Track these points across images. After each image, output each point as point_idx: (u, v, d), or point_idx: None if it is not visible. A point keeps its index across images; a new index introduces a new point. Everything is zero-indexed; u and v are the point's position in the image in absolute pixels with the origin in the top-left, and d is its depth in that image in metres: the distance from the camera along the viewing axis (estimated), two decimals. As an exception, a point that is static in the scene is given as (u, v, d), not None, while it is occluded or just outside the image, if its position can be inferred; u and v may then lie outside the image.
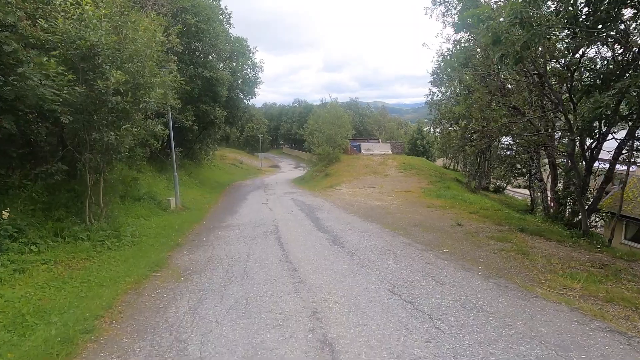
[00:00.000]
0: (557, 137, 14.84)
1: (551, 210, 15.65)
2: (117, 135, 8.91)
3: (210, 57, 22.16)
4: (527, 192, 23.88)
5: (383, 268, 7.01)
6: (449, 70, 22.56)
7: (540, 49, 9.77)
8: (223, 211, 15.36)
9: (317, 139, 33.44)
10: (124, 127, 9.03)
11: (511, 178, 24.39)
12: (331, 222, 11.82)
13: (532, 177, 19.53)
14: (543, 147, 14.27)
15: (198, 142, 31.59)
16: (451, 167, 44.51)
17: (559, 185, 15.49)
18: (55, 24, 7.49)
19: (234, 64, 25.28)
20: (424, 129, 51.18)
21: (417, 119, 63.62)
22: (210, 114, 21.50)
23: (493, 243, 8.98)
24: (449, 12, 16.19)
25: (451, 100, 23.83)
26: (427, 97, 25.58)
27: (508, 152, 21.28)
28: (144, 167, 18.22)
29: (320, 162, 32.71)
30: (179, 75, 12.17)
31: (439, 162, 46.82)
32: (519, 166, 22.50)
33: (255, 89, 27.61)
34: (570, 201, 14.14)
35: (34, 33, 7.36)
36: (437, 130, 26.96)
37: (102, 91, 7.83)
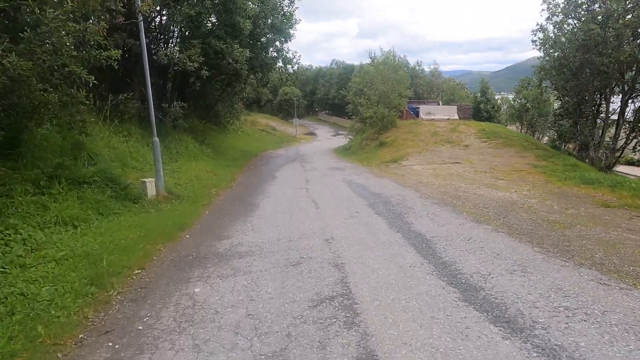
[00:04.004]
0: None
1: None
2: None
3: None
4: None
5: None
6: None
7: None
8: (233, 205, 9.07)
9: (367, 99, 26.40)
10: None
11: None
12: (457, 253, 5.18)
13: None
14: None
15: (220, 102, 25.41)
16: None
17: None
18: None
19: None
20: (490, 90, 42.75)
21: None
22: (226, 54, 15.00)
23: None
24: None
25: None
26: (536, 35, 17.88)
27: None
28: (122, 127, 12.21)
29: (371, 127, 25.79)
30: None
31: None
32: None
33: (291, 30, 20.52)
34: None
35: None
36: (544, 84, 19.43)
37: None
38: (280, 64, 20.65)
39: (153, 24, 15.49)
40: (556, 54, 17.36)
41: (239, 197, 9.94)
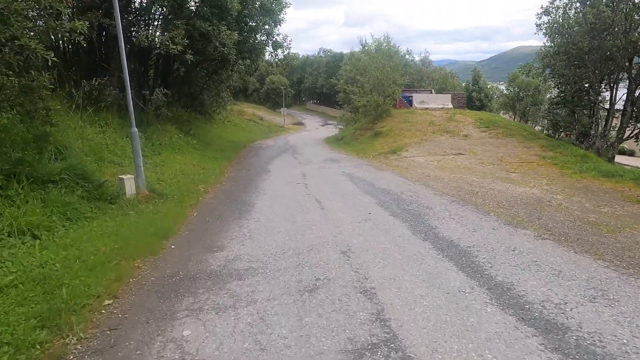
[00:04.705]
0: None
1: None
2: None
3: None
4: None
5: None
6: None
7: None
8: (225, 204, 7.99)
9: (359, 87, 25.32)
10: None
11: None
12: (509, 270, 4.22)
13: None
14: None
15: (206, 90, 24.04)
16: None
17: None
18: None
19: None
20: (482, 79, 42.02)
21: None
22: (212, 37, 13.74)
23: None
24: None
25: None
26: (541, 18, 16.96)
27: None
28: (102, 117, 11.00)
29: (365, 117, 24.75)
30: None
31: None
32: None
33: (281, 14, 19.20)
34: None
35: None
36: (546, 72, 18.57)
37: None
38: (270, 48, 19.32)
39: (133, 4, 14.11)
40: (560, 40, 16.52)
41: (230, 194, 8.85)
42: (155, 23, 14.53)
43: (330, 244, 5.05)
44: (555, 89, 20.73)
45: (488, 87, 41.88)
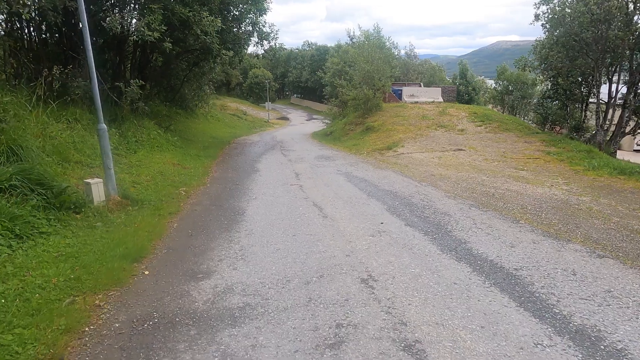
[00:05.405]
0: None
1: None
2: None
3: None
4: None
5: None
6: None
7: None
8: (210, 212, 6.90)
9: (348, 80, 24.36)
10: None
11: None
12: (584, 307, 3.32)
13: None
14: None
15: (187, 83, 22.75)
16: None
17: None
18: None
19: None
20: (469, 73, 41.51)
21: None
22: (193, 23, 12.52)
23: None
24: None
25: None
26: (539, 8, 16.19)
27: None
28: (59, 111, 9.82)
29: (355, 111, 23.79)
30: None
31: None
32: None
33: (265, 3, 17.91)
34: None
35: None
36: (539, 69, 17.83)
37: None
38: (255, 38, 18.08)
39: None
40: (557, 31, 15.83)
41: (216, 199, 7.77)
42: (130, 7, 13.16)
43: (345, 267, 4.08)
44: (548, 82, 20.12)
45: (475, 80, 41.36)
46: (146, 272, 4.23)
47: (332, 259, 4.31)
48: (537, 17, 16.42)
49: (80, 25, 6.86)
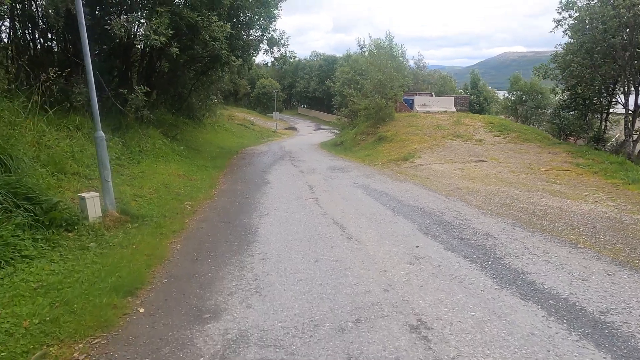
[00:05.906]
0: None
1: None
2: None
3: None
4: None
5: None
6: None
7: None
8: (218, 231, 6.16)
9: (359, 89, 23.75)
10: None
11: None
12: None
13: None
14: None
15: (194, 92, 22.29)
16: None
17: None
18: None
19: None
20: (480, 83, 40.82)
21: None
22: (201, 28, 11.95)
23: None
24: None
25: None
26: (561, 13, 15.47)
27: None
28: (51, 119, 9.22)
29: (366, 120, 23.10)
30: None
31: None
32: None
33: (276, 10, 17.32)
34: None
35: None
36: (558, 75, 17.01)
37: None
38: (265, 45, 17.50)
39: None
40: (581, 36, 15.06)
41: (224, 215, 7.04)
42: (137, 11, 12.65)
43: (386, 307, 3.30)
44: (566, 91, 19.30)
45: (487, 90, 40.63)
46: (141, 310, 3.47)
47: (368, 296, 3.54)
48: (558, 22, 15.71)
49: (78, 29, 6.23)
